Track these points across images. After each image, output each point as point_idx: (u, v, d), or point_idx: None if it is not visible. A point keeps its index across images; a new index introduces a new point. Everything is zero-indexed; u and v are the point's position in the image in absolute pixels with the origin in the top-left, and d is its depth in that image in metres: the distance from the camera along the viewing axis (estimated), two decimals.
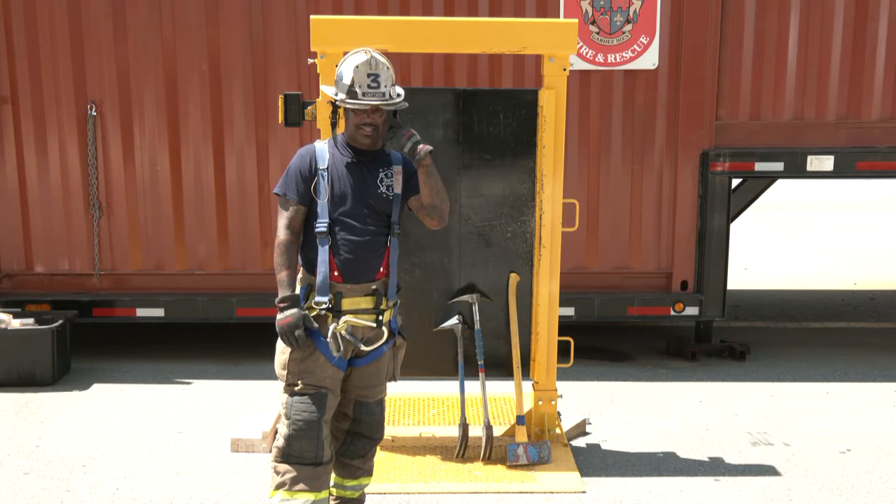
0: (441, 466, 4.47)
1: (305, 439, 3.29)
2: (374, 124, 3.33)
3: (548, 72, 4.48)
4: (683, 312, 6.53)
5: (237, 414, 5.37)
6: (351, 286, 3.35)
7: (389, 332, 3.48)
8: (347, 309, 3.35)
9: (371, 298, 3.38)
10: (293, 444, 3.30)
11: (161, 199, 6.42)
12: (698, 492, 4.29)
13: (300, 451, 3.29)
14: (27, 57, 6.26)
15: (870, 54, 6.32)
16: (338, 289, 3.34)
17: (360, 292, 3.36)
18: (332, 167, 3.39)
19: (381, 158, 3.47)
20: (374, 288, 3.38)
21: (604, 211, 6.48)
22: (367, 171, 3.41)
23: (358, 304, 3.36)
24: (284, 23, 6.23)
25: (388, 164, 3.46)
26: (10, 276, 6.56)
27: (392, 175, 3.43)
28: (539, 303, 4.67)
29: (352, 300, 3.36)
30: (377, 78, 3.28)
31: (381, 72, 3.29)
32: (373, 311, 3.38)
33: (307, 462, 3.30)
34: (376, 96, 3.28)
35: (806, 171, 6.37)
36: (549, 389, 4.73)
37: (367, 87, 3.27)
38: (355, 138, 3.38)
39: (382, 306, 3.41)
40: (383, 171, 3.43)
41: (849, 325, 8.09)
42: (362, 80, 3.27)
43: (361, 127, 3.33)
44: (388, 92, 3.31)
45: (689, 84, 6.29)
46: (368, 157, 3.44)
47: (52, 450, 4.79)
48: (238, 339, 7.19)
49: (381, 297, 3.40)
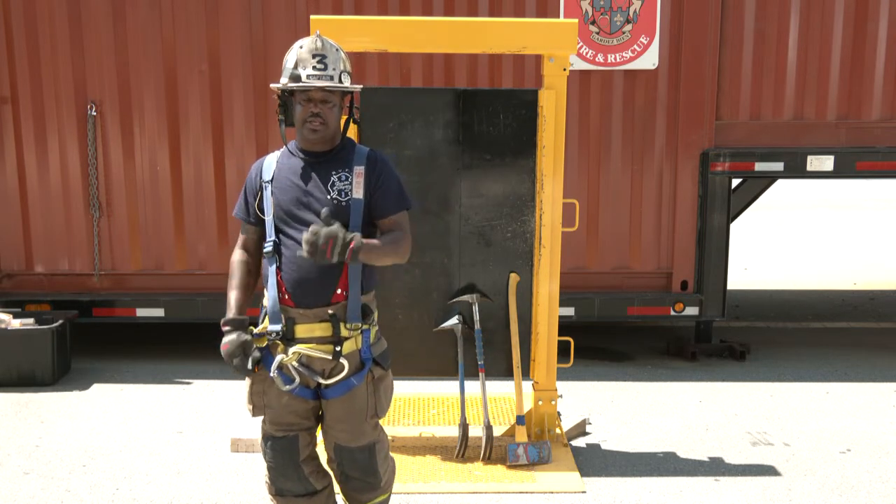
0: (441, 466, 4.47)
1: (287, 481, 3.09)
2: (321, 116, 2.92)
3: (548, 72, 4.49)
4: (683, 312, 6.53)
5: (237, 414, 5.36)
6: (303, 311, 2.94)
7: (359, 363, 3.01)
8: (301, 337, 2.94)
9: (326, 325, 2.94)
10: (277, 482, 3.11)
11: (161, 199, 6.42)
12: (698, 492, 4.29)
13: (286, 489, 3.11)
14: (27, 57, 6.26)
15: (870, 54, 6.32)
16: (290, 314, 2.95)
17: (313, 318, 2.94)
18: (278, 177, 3.01)
19: (337, 159, 3.02)
20: (330, 313, 2.94)
21: (604, 211, 6.47)
22: (317, 175, 2.98)
23: (312, 332, 2.95)
24: (284, 23, 6.23)
25: (346, 165, 3.00)
26: (10, 276, 6.56)
27: (349, 177, 2.98)
28: (539, 303, 4.67)
29: (306, 326, 2.95)
30: (324, 59, 2.91)
31: (328, 53, 2.92)
32: (329, 340, 2.94)
33: (299, 494, 3.11)
34: (322, 79, 2.90)
35: (806, 171, 6.37)
36: (549, 389, 4.73)
37: (312, 69, 2.89)
38: (303, 135, 2.99)
39: (343, 333, 2.96)
40: (337, 173, 2.98)
41: (849, 325, 8.09)
42: (306, 60, 2.91)
43: (307, 120, 2.93)
44: (336, 76, 2.93)
45: (689, 84, 6.29)
46: (321, 159, 3.01)
47: (52, 450, 4.79)
48: None
49: (337, 324, 2.95)
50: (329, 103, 2.94)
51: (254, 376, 3.02)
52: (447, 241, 4.63)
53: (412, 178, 4.51)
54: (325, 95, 2.93)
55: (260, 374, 3.01)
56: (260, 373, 3.00)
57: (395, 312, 4.62)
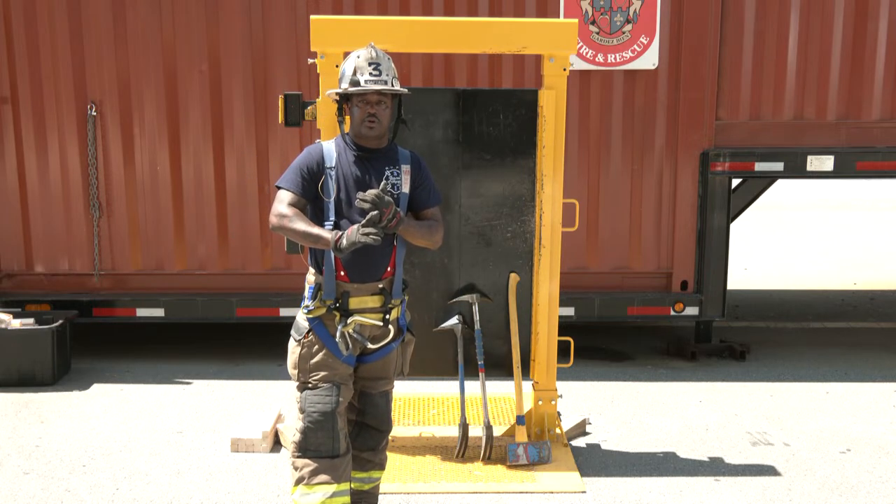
0: (441, 466, 4.47)
1: (321, 431, 3.32)
2: (377, 116, 3.34)
3: (548, 72, 4.49)
4: (683, 312, 6.53)
5: (237, 414, 5.37)
6: (358, 285, 3.37)
7: (398, 329, 3.52)
8: (355, 308, 3.37)
9: (378, 297, 3.40)
10: (309, 437, 3.33)
11: (161, 199, 6.42)
12: (698, 492, 4.29)
13: (317, 443, 3.33)
14: (27, 57, 6.26)
15: (870, 54, 6.32)
16: (345, 288, 3.37)
17: (367, 291, 3.39)
18: (339, 166, 3.39)
19: (389, 156, 3.47)
20: (381, 287, 3.41)
21: (604, 211, 6.47)
22: (373, 169, 3.41)
23: (365, 304, 3.39)
24: (284, 23, 6.23)
25: (396, 162, 3.47)
26: (10, 276, 6.56)
27: (399, 174, 3.44)
28: (539, 303, 4.67)
29: (359, 299, 3.38)
30: (378, 66, 3.35)
31: (382, 62, 3.36)
32: (380, 309, 3.41)
33: (324, 455, 3.33)
34: (378, 83, 3.32)
35: (806, 171, 6.37)
36: (549, 389, 4.73)
37: (370, 75, 3.32)
38: (360, 133, 3.39)
39: (389, 304, 3.43)
40: (389, 169, 3.43)
41: (849, 325, 8.09)
42: (364, 67, 3.34)
43: (365, 120, 3.34)
44: (390, 81, 3.36)
45: (689, 84, 6.29)
46: (375, 155, 3.44)
47: (52, 450, 4.79)
48: (238, 339, 7.19)
49: (387, 296, 3.42)
50: (383, 104, 3.37)
51: (304, 343, 3.39)
52: (447, 241, 4.61)
53: None
54: (379, 98, 3.36)
55: (310, 340, 3.39)
56: (310, 340, 3.39)
57: None
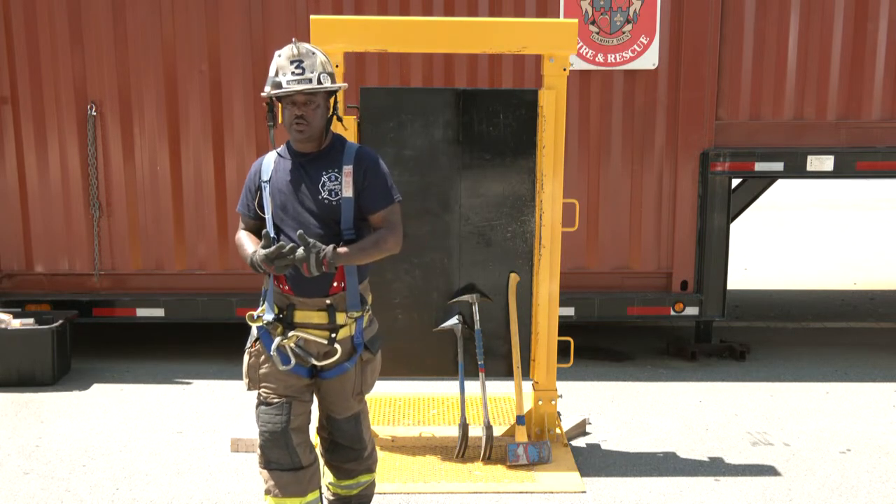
0: (441, 466, 4.47)
1: (276, 448, 3.19)
2: (304, 117, 3.09)
3: (548, 72, 4.49)
4: (683, 312, 6.53)
5: (237, 414, 5.37)
6: (303, 299, 3.19)
7: (351, 348, 3.25)
8: (300, 322, 3.19)
9: (324, 314, 3.19)
10: (266, 453, 3.22)
11: (161, 199, 6.42)
12: (698, 492, 4.29)
13: (276, 458, 3.21)
14: (27, 57, 6.26)
15: (870, 54, 6.32)
16: (290, 301, 3.20)
17: (312, 307, 3.19)
18: (275, 177, 3.21)
19: (329, 158, 3.20)
20: (328, 303, 3.18)
21: (604, 211, 6.47)
22: (308, 175, 3.17)
23: (310, 319, 3.19)
24: (284, 23, 6.23)
25: (336, 164, 3.18)
26: (10, 276, 6.56)
27: (338, 177, 3.16)
28: (539, 303, 4.67)
29: (304, 313, 3.19)
30: (301, 64, 3.07)
31: (305, 58, 3.08)
32: (326, 326, 3.19)
33: (286, 468, 3.21)
34: (301, 82, 3.05)
35: (806, 171, 6.37)
36: (549, 389, 4.73)
37: (292, 75, 3.05)
38: (292, 138, 3.20)
39: (339, 321, 3.20)
40: (327, 173, 3.17)
41: (849, 325, 8.09)
42: (286, 66, 3.07)
43: (293, 123, 3.11)
44: (315, 78, 3.07)
45: (689, 84, 6.29)
46: (311, 159, 3.20)
47: (52, 450, 4.79)
48: (238, 339, 7.17)
49: (334, 313, 3.19)
50: (311, 105, 3.10)
51: (251, 352, 3.25)
52: (447, 241, 4.63)
53: (412, 178, 4.52)
54: (306, 98, 3.09)
55: (257, 350, 3.25)
56: (257, 349, 3.25)
57: (395, 312, 4.62)
